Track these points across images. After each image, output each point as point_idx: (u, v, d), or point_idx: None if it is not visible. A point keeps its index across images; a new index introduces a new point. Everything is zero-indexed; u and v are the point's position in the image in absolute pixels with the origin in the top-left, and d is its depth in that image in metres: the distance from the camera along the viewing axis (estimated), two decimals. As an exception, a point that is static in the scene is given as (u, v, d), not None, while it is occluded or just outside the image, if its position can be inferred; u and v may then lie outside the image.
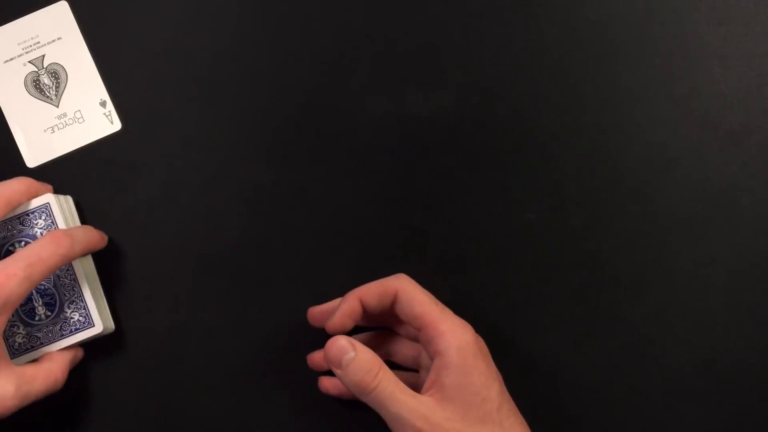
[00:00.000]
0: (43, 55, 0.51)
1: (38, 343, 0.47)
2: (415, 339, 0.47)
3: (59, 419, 0.49)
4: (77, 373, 0.49)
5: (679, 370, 0.48)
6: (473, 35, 0.51)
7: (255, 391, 0.49)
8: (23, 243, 0.47)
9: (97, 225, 0.50)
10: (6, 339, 0.47)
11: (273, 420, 0.49)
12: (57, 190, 0.49)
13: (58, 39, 0.51)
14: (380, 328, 0.49)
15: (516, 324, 0.49)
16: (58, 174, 0.50)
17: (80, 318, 0.47)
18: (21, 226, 0.48)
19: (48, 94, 0.51)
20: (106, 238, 0.49)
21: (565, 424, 0.49)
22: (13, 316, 0.47)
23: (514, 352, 0.49)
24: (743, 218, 0.49)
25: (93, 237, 0.47)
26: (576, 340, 0.49)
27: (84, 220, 0.50)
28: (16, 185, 0.46)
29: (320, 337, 0.48)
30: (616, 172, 0.50)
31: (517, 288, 0.49)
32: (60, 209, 0.48)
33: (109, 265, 0.50)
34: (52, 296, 0.47)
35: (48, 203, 0.47)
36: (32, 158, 0.51)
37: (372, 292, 0.44)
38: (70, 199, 0.50)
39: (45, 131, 0.51)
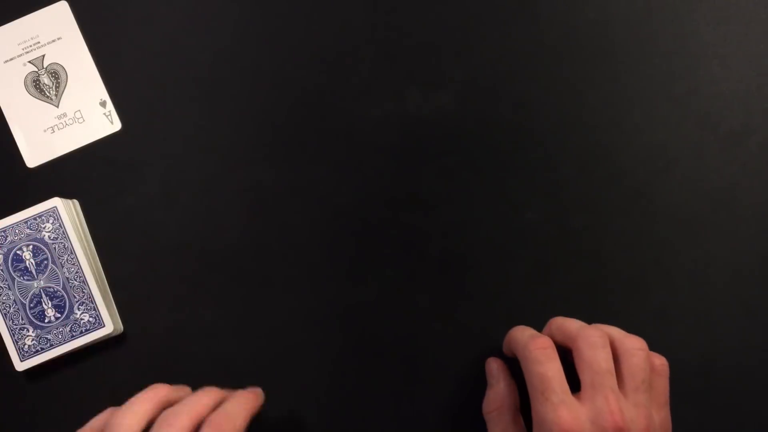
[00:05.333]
0: (43, 55, 0.51)
1: (48, 345, 0.47)
2: None
3: (60, 419, 0.49)
4: (77, 373, 0.49)
5: (679, 370, 0.48)
6: (473, 35, 0.51)
7: (255, 391, 0.49)
8: (30, 247, 0.48)
9: (97, 225, 0.50)
10: (15, 342, 0.47)
11: (273, 420, 0.49)
12: (57, 191, 0.49)
13: (58, 39, 0.51)
14: None
15: (516, 324, 0.49)
16: (58, 174, 0.50)
17: (90, 319, 0.47)
18: (29, 230, 0.48)
19: (48, 94, 0.51)
20: (260, 395, 0.47)
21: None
22: (22, 318, 0.47)
23: (514, 352, 0.49)
24: (743, 218, 0.49)
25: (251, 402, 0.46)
26: (576, 340, 0.49)
27: (85, 221, 0.50)
28: (206, 400, 0.44)
29: (321, 338, 0.48)
30: (616, 172, 0.50)
31: (517, 288, 0.49)
32: (68, 213, 0.48)
33: (109, 265, 0.50)
34: (61, 298, 0.47)
35: (56, 207, 0.48)
36: (32, 158, 0.51)
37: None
38: (76, 203, 0.50)
39: (45, 131, 0.51)
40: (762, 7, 0.50)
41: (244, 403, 0.46)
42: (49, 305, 0.47)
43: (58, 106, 0.51)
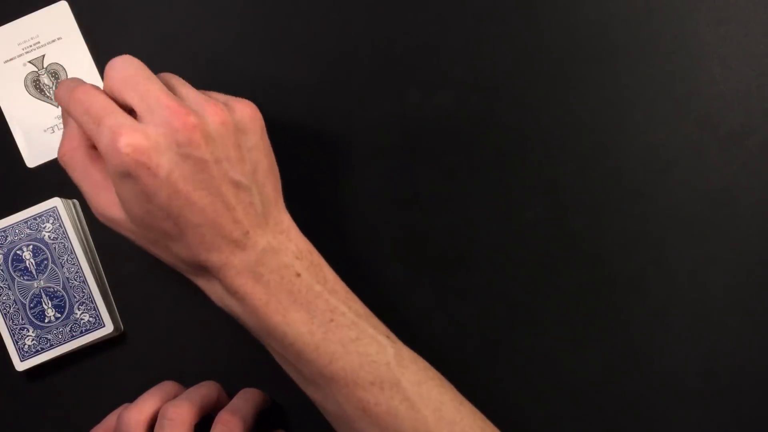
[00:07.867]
0: (43, 55, 0.51)
1: (48, 345, 0.47)
2: None
3: (59, 419, 0.49)
4: (77, 373, 0.49)
5: (678, 370, 0.48)
6: (473, 35, 0.51)
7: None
8: (30, 247, 0.48)
9: (97, 225, 0.50)
10: (15, 342, 0.47)
11: (272, 420, 0.49)
12: (57, 191, 0.49)
13: (58, 39, 0.51)
14: None
15: (516, 324, 0.49)
16: (58, 174, 0.50)
17: (91, 319, 0.47)
18: (29, 230, 0.48)
19: (48, 94, 0.51)
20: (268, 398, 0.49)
21: (564, 424, 0.49)
22: (22, 318, 0.47)
23: (514, 352, 0.49)
24: (743, 218, 0.49)
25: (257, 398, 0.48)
26: (576, 340, 0.49)
27: (85, 221, 0.50)
28: (205, 391, 0.46)
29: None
30: (616, 172, 0.50)
31: (517, 288, 0.49)
32: (68, 213, 0.48)
33: (109, 265, 0.50)
34: (61, 298, 0.47)
35: (56, 207, 0.48)
36: (32, 158, 0.51)
37: None
38: (76, 203, 0.50)
39: (45, 131, 0.51)
40: (762, 7, 0.50)
41: (252, 399, 0.46)
42: (49, 305, 0.47)
43: (58, 106, 0.51)
